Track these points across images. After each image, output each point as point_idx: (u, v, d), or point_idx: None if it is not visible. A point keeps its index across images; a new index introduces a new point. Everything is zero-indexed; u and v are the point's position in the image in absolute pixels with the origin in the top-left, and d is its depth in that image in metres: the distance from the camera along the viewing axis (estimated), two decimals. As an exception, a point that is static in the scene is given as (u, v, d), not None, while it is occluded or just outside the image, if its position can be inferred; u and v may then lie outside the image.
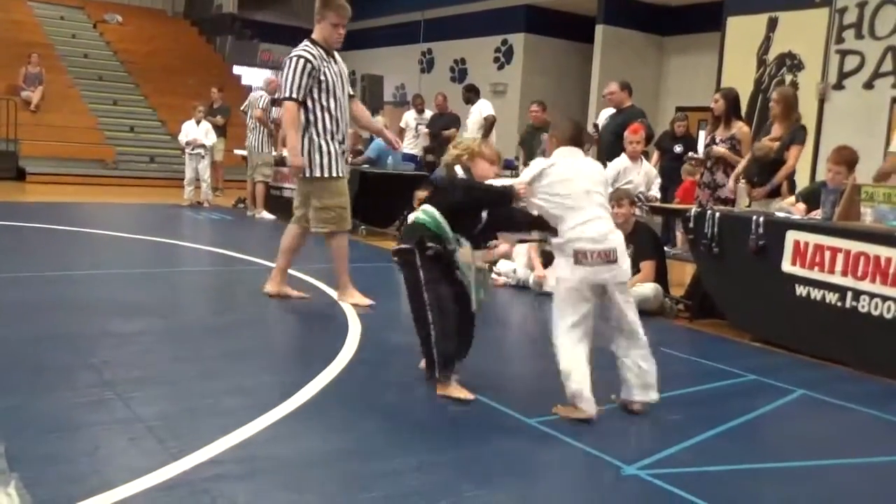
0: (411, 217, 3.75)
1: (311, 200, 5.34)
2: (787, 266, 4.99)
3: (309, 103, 5.16)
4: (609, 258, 3.46)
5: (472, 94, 11.22)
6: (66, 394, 3.31)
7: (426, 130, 11.90)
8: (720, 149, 6.35)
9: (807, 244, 4.89)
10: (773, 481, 3.01)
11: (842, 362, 4.70)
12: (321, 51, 5.17)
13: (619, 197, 6.20)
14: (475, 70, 17.87)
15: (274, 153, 11.02)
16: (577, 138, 3.70)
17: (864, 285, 4.60)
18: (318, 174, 5.24)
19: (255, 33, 21.28)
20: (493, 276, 6.77)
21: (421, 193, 8.04)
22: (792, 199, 5.78)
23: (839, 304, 4.73)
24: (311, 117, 5.18)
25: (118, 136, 15.74)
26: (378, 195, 9.15)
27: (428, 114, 12.20)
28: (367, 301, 5.41)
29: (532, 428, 3.32)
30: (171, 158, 15.15)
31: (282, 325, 5.02)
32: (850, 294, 4.67)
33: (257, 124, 10.64)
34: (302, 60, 5.07)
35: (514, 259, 6.87)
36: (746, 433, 3.54)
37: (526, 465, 3.02)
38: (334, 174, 5.26)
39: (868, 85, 10.26)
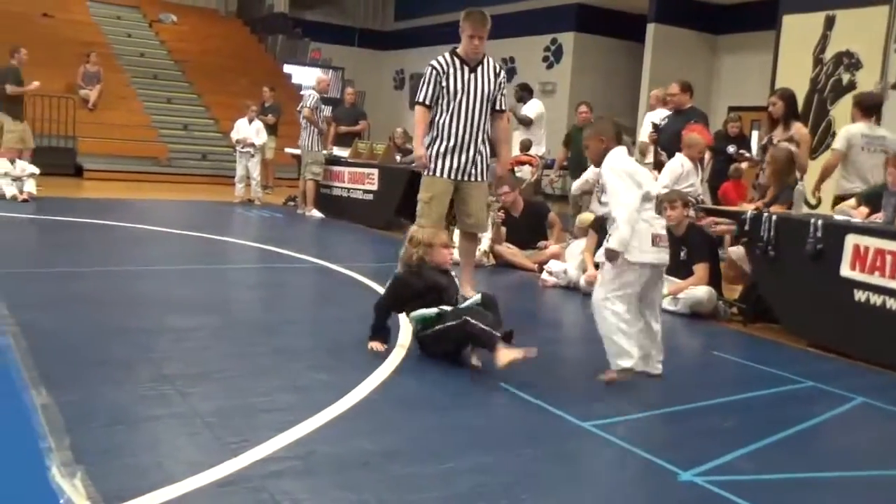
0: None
1: None
2: (845, 270, 4.88)
3: (435, 108, 5.49)
4: (666, 245, 3.96)
5: (525, 93, 11.15)
6: (126, 388, 3.39)
7: None
8: (790, 145, 6.25)
9: (867, 248, 4.78)
10: (833, 491, 2.96)
11: (902, 370, 4.59)
12: (457, 61, 5.43)
13: (671, 199, 6.12)
14: (524, 69, 17.80)
15: (325, 152, 11.13)
16: (622, 137, 4.08)
17: (927, 291, 4.49)
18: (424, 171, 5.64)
19: (306, 32, 21.49)
20: (544, 276, 6.75)
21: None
22: (853, 201, 5.66)
23: (900, 310, 4.61)
24: (434, 120, 5.51)
25: (172, 134, 16.02)
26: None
27: None
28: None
29: (587, 431, 3.29)
30: (223, 156, 15.37)
31: (333, 322, 5.05)
32: (912, 300, 4.56)
33: (308, 123, 10.74)
34: (429, 69, 5.46)
35: (566, 260, 6.84)
36: (805, 441, 3.48)
37: (581, 470, 3.01)
38: (430, 172, 5.54)
39: (929, 84, 9.98)
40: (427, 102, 5.47)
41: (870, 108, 6.46)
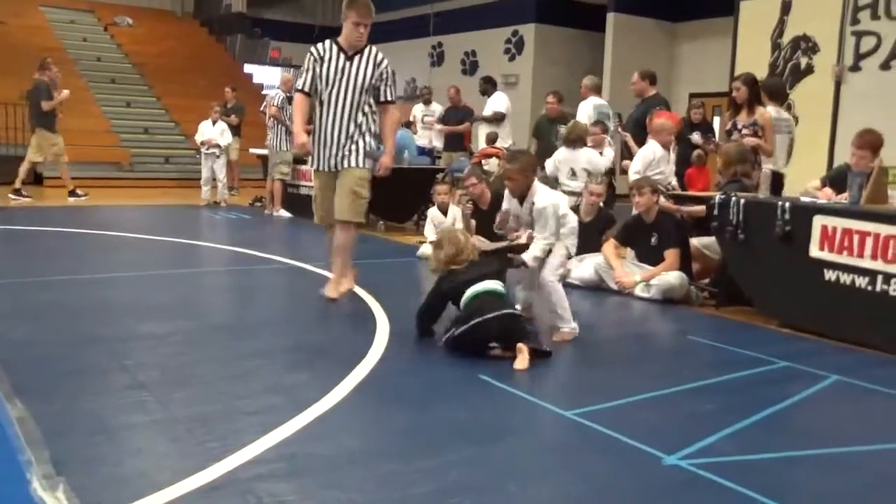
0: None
1: None
2: (814, 251, 4.96)
3: (315, 96, 5.36)
4: None
5: (489, 86, 11.17)
6: (104, 397, 3.33)
7: (433, 121, 11.92)
8: (754, 140, 6.34)
9: (835, 228, 4.86)
10: (816, 468, 3.00)
11: (873, 346, 4.67)
12: (335, 48, 5.25)
13: (639, 185, 6.19)
14: (486, 62, 17.83)
15: (294, 151, 11.04)
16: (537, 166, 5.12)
17: (894, 268, 4.57)
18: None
19: (265, 31, 21.30)
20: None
21: (441, 188, 8.06)
22: (817, 182, 5.74)
23: (869, 287, 4.70)
24: (316, 111, 5.38)
25: (133, 139, 15.79)
26: (395, 190, 9.12)
27: (434, 106, 12.22)
28: (338, 293, 5.43)
29: (569, 420, 3.31)
30: (186, 159, 15.20)
31: (309, 322, 5.03)
32: (880, 277, 4.64)
33: (275, 123, 10.66)
34: (308, 55, 5.31)
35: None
36: (784, 420, 3.52)
37: (566, 458, 3.01)
38: (311, 165, 5.51)
39: (885, 66, 10.18)
40: (305, 90, 5.29)
41: (777, 93, 7.14)
